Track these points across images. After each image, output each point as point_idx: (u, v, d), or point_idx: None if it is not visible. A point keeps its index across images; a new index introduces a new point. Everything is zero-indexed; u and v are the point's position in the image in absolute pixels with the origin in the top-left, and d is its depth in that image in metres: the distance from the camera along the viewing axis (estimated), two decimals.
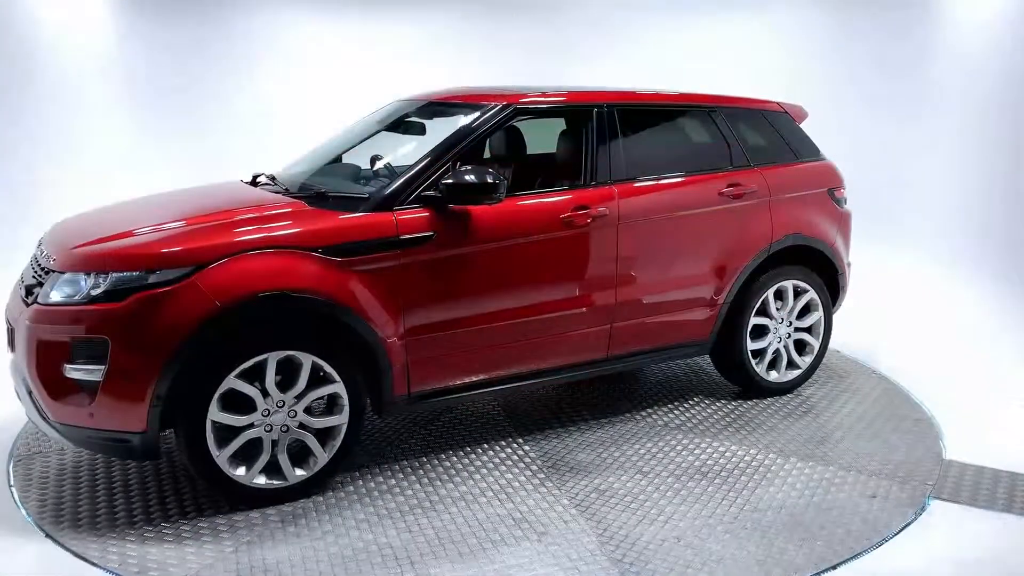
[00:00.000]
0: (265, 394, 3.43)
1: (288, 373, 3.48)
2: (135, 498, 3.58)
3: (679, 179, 4.41)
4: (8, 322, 3.63)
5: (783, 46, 8.34)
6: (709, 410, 4.62)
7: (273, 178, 4.38)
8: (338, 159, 4.58)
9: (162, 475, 3.78)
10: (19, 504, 3.55)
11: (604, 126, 4.21)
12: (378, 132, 4.70)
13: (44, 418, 3.38)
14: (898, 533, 3.38)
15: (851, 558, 3.18)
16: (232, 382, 3.34)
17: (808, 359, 4.93)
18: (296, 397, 3.49)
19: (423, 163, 3.82)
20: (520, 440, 4.19)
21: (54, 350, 3.29)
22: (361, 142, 4.68)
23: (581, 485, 3.73)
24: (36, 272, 3.58)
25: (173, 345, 3.22)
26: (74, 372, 3.27)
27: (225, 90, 8.43)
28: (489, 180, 3.64)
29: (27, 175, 7.57)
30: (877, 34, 7.88)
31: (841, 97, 7.99)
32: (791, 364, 4.89)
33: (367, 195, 3.75)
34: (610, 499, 3.60)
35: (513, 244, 3.89)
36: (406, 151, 4.66)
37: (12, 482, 3.74)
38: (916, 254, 7.32)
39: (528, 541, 3.26)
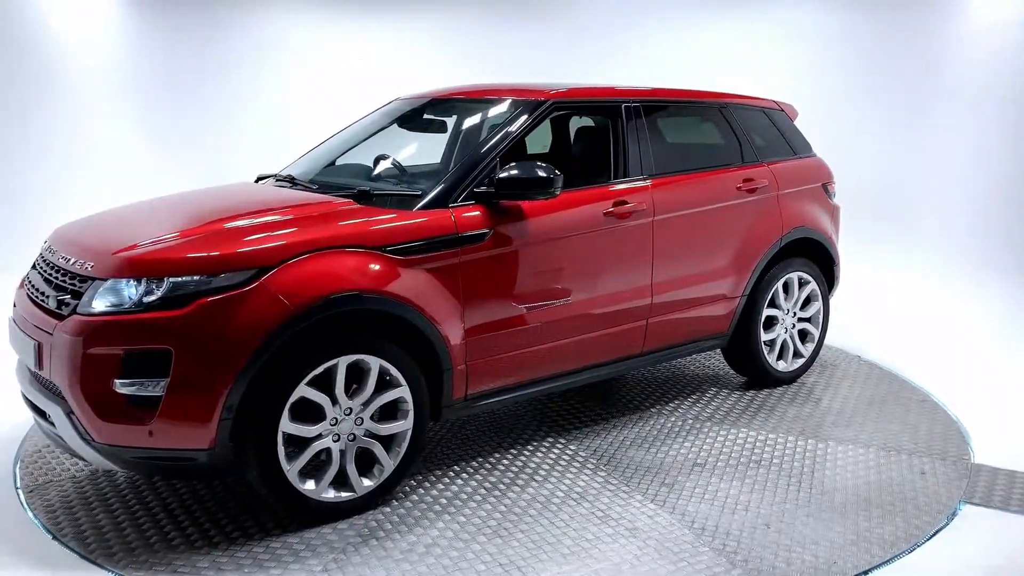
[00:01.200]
0: (334, 402, 3.23)
1: (350, 379, 3.29)
2: (184, 521, 3.30)
3: (703, 174, 4.47)
4: (30, 336, 3.26)
5: (785, 46, 8.64)
6: (729, 401, 4.69)
7: (292, 178, 4.16)
8: (333, 161, 4.41)
9: (202, 495, 3.50)
10: (54, 534, 3.21)
11: (633, 121, 4.22)
12: (382, 129, 4.56)
13: (86, 439, 3.06)
14: (930, 538, 3.27)
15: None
16: (303, 390, 3.14)
17: (810, 347, 5.09)
18: (363, 404, 3.31)
19: (474, 159, 3.71)
20: (563, 441, 4.12)
21: (101, 364, 2.99)
22: (365, 140, 4.52)
23: (647, 481, 3.70)
24: (60, 279, 3.25)
25: (246, 353, 2.99)
26: (127, 387, 2.98)
27: (230, 92, 8.29)
28: (546, 175, 3.57)
29: (33, 178, 7.27)
30: (882, 33, 8.22)
31: (847, 97, 8.32)
32: (796, 353, 5.03)
33: (420, 192, 3.61)
34: (681, 493, 3.59)
35: (564, 239, 3.83)
36: (423, 149, 4.56)
37: (33, 510, 3.37)
38: (916, 252, 7.66)
39: (623, 538, 3.20)
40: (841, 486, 3.67)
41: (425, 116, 4.49)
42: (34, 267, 3.62)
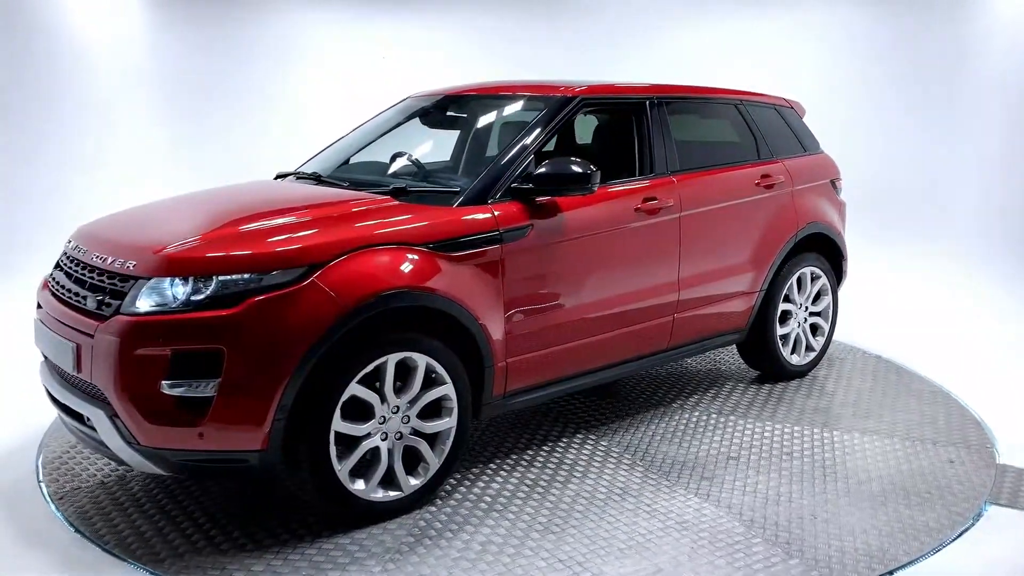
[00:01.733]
0: (382, 400, 3.20)
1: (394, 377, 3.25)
2: (227, 524, 3.23)
3: (723, 169, 4.52)
4: (66, 339, 3.16)
5: (782, 44, 8.81)
6: (747, 395, 4.74)
7: (318, 175, 4.11)
8: (347, 159, 4.39)
9: (237, 496, 3.43)
10: (94, 540, 3.12)
11: (658, 117, 4.24)
12: (398, 126, 4.53)
13: (130, 443, 2.98)
14: (956, 539, 3.23)
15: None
16: (354, 388, 3.09)
17: (821, 341, 5.16)
18: (409, 402, 3.28)
19: (510, 155, 3.70)
20: (593, 438, 4.12)
21: (148, 366, 2.91)
22: (379, 137, 4.50)
23: (685, 475, 3.72)
24: (97, 279, 3.15)
25: (301, 351, 2.93)
26: (175, 389, 2.90)
27: (248, 90, 8.43)
28: (585, 171, 3.57)
29: (51, 177, 7.26)
30: (881, 31, 8.42)
31: (845, 94, 8.50)
32: (808, 347, 5.10)
33: (458, 188, 3.59)
34: (722, 486, 3.62)
35: (598, 235, 3.84)
36: (447, 146, 4.53)
37: (67, 516, 3.27)
38: (915, 247, 7.85)
39: (675, 532, 3.21)
40: (875, 475, 3.73)
41: (448, 113, 4.47)
42: (59, 267, 3.52)
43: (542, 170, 3.58)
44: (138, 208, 3.85)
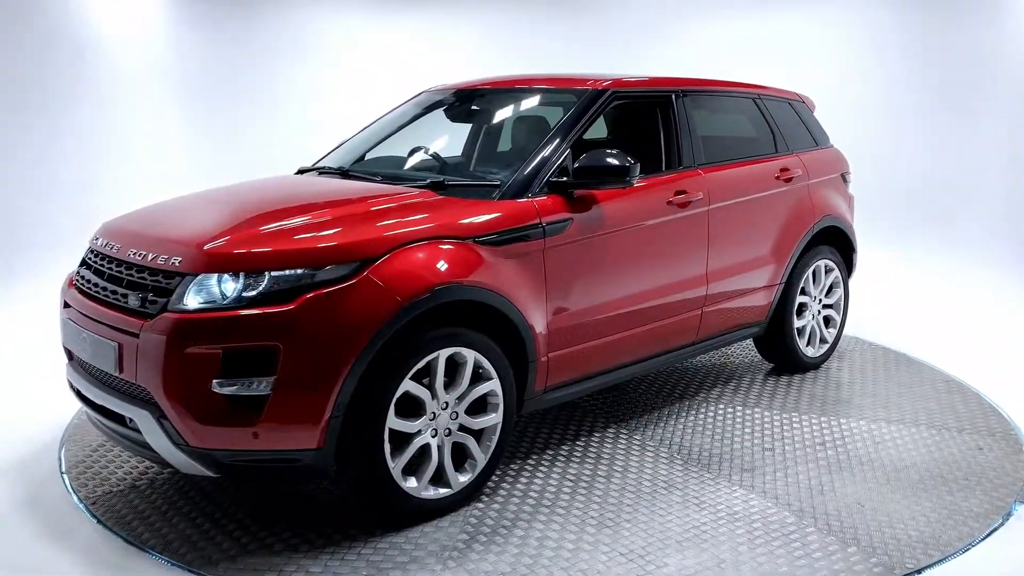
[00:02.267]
0: (432, 396, 3.15)
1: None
2: (273, 525, 3.16)
3: (745, 163, 4.54)
4: (105, 338, 3.06)
5: (779, 41, 8.96)
6: (767, 387, 4.77)
7: (344, 170, 4.05)
8: (362, 155, 4.36)
9: (268, 496, 3.36)
10: (140, 546, 3.03)
11: (684, 110, 4.25)
12: (415, 119, 4.50)
13: (179, 444, 2.89)
14: (985, 539, 3.16)
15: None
16: (407, 385, 3.04)
17: (833, 332, 5.21)
18: (457, 398, 3.24)
19: (549, 149, 3.67)
20: (625, 431, 4.11)
21: (199, 365, 2.83)
22: (397, 131, 4.46)
23: (726, 467, 3.72)
24: (137, 277, 3.06)
25: (358, 347, 2.88)
26: (227, 387, 2.83)
27: (265, 87, 8.50)
28: (623, 163, 3.56)
29: (71, 173, 7.20)
30: (880, 29, 8.59)
31: (847, 90, 8.61)
32: (821, 339, 5.15)
33: (499, 182, 3.55)
34: (764, 477, 3.63)
35: (634, 228, 3.83)
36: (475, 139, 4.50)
37: (105, 521, 3.18)
38: (910, 240, 8.03)
39: (728, 524, 3.22)
40: (911, 463, 3.77)
41: (474, 107, 4.44)
42: (87, 264, 3.41)
43: (582, 163, 3.55)
44: (166, 203, 3.74)
